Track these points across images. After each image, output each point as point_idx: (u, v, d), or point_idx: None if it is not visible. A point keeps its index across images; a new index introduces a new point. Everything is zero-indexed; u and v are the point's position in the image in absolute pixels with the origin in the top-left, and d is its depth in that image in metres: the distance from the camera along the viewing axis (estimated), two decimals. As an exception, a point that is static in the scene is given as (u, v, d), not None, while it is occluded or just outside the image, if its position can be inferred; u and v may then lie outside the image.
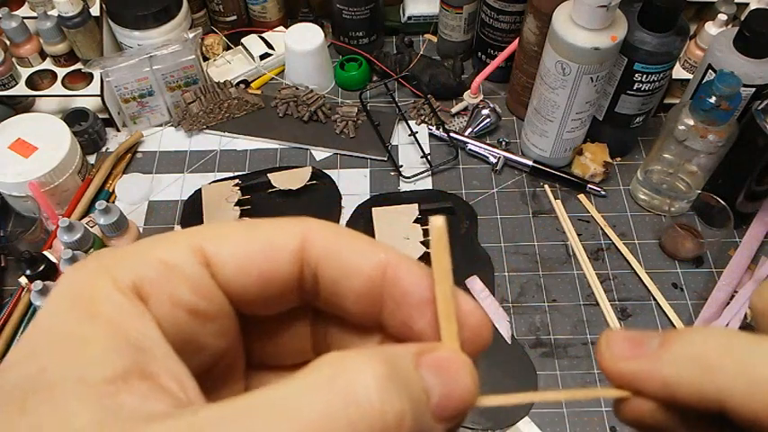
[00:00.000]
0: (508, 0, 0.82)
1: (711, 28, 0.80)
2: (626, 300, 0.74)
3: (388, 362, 0.16)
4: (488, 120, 0.87)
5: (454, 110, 0.90)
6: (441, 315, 0.18)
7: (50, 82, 0.86)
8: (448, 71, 0.90)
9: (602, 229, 0.79)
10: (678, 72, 0.85)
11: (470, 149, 0.86)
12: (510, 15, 0.84)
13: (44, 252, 0.71)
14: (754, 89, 0.70)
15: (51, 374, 0.15)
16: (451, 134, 0.86)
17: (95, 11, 0.84)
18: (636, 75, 0.74)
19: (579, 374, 0.69)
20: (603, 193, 0.82)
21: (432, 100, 0.89)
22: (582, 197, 0.82)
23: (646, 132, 0.87)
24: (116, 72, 0.82)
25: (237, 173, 0.85)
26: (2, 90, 0.84)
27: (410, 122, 0.88)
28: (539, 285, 0.75)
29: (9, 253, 0.76)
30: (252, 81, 0.94)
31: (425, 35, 0.99)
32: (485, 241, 0.79)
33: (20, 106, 0.88)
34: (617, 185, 0.84)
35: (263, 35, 0.95)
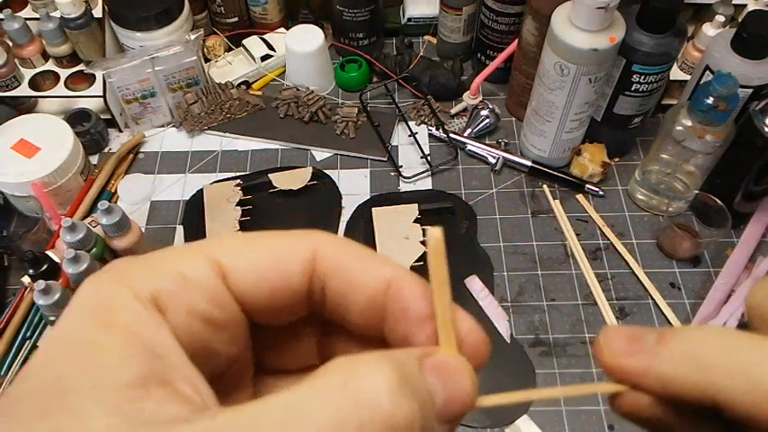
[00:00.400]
0: (507, 2, 0.83)
1: (709, 29, 0.80)
2: (624, 299, 0.75)
3: (397, 365, 0.16)
4: (488, 120, 0.88)
5: (454, 111, 0.91)
6: (439, 323, 0.19)
7: (53, 83, 0.86)
8: (447, 72, 0.91)
9: (600, 229, 0.80)
10: (676, 73, 0.85)
11: (470, 150, 0.86)
12: (509, 17, 0.85)
13: (47, 252, 0.72)
14: (751, 90, 0.71)
15: (69, 381, 0.16)
16: (451, 135, 0.87)
17: (98, 12, 0.84)
18: (634, 76, 0.74)
19: (578, 373, 0.70)
20: (602, 194, 0.82)
21: (431, 101, 0.90)
22: (580, 197, 0.83)
23: (644, 133, 0.87)
24: (118, 73, 0.82)
25: (239, 173, 0.85)
26: (5, 91, 0.84)
27: (410, 123, 0.88)
28: (537, 285, 0.76)
29: (12, 253, 0.76)
30: (253, 82, 0.95)
31: (425, 36, 1.00)
32: (484, 241, 0.79)
33: (23, 107, 0.89)
34: (615, 186, 0.84)
35: (264, 36, 0.96)
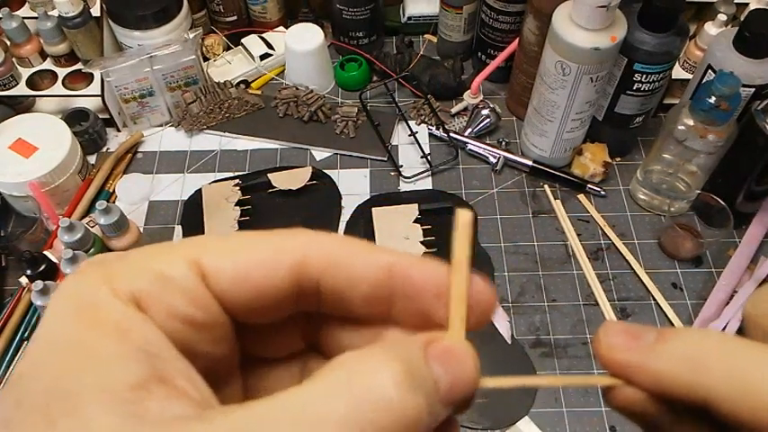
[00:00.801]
0: (508, 0, 0.83)
1: (711, 28, 0.80)
2: (625, 299, 0.74)
3: (402, 359, 0.17)
4: (488, 120, 0.87)
5: (454, 110, 0.91)
6: (452, 302, 0.19)
7: (51, 82, 0.86)
8: (448, 71, 0.90)
9: (601, 229, 0.80)
10: (678, 72, 0.85)
11: (470, 149, 0.86)
12: (510, 16, 0.84)
13: (45, 252, 0.71)
14: (753, 89, 0.70)
15: (71, 385, 0.15)
16: (451, 134, 0.86)
17: (96, 11, 0.84)
18: (635, 75, 0.74)
19: (579, 374, 0.69)
20: (603, 193, 0.82)
21: (432, 100, 0.89)
22: (582, 197, 0.82)
23: (645, 132, 0.87)
24: (116, 72, 0.82)
25: (238, 173, 0.85)
26: (2, 90, 0.84)
27: (410, 122, 0.88)
28: (538, 285, 0.75)
29: (10, 253, 0.76)
30: (252, 81, 0.94)
31: (425, 35, 0.99)
32: (485, 241, 0.79)
33: (20, 106, 0.88)
34: (617, 185, 0.84)
35: (264, 35, 0.95)
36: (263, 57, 0.93)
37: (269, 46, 0.94)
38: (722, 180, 0.76)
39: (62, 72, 0.86)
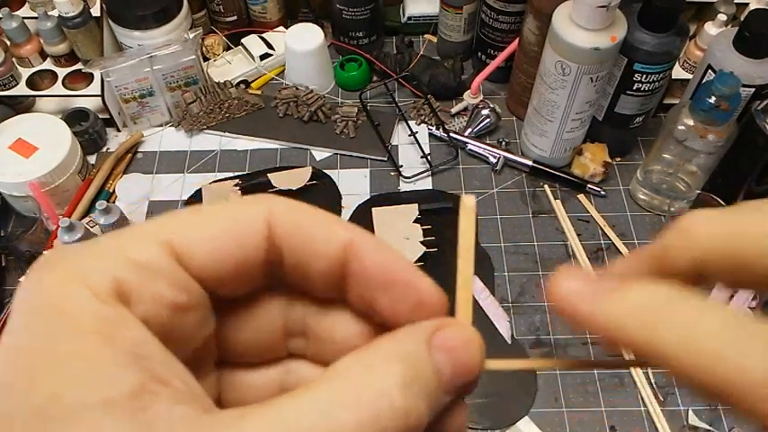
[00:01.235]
0: (508, 0, 0.83)
1: (711, 28, 0.80)
2: (626, 300, 0.74)
3: (405, 360, 0.17)
4: (488, 120, 0.87)
5: (454, 110, 0.91)
6: (459, 286, 0.20)
7: (51, 82, 0.86)
8: (448, 71, 0.90)
9: (601, 229, 0.79)
10: (678, 72, 0.85)
11: (470, 149, 0.86)
12: (510, 15, 0.84)
13: (45, 252, 0.71)
14: (753, 89, 0.70)
15: (69, 400, 0.15)
16: (451, 134, 0.86)
17: (96, 11, 0.84)
18: (636, 75, 0.74)
19: (579, 374, 0.69)
20: (603, 194, 0.82)
21: (432, 100, 0.89)
22: (582, 197, 0.82)
23: (645, 132, 0.87)
24: (116, 72, 0.82)
25: (238, 173, 0.85)
26: (2, 90, 0.84)
27: (410, 122, 0.88)
28: (538, 285, 0.75)
29: (10, 253, 0.76)
30: (252, 81, 0.94)
31: (425, 35, 0.99)
32: (485, 241, 0.79)
33: (20, 106, 0.88)
34: (617, 185, 0.84)
35: (264, 35, 0.95)
36: (263, 57, 0.93)
37: (269, 46, 0.94)
38: (722, 180, 0.76)
39: (62, 72, 0.86)
